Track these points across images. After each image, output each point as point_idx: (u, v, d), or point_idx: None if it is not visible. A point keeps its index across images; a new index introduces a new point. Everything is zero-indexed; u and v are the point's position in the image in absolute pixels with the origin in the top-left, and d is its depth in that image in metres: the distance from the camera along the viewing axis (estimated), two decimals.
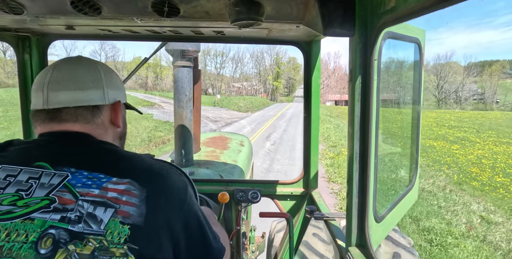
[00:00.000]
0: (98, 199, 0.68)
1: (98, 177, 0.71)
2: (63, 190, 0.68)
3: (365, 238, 1.19)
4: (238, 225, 2.16)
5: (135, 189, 0.71)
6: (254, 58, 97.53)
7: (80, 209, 0.66)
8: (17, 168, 0.71)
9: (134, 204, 0.69)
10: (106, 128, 0.88)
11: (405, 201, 1.69)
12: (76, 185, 0.69)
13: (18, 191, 0.68)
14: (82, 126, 0.82)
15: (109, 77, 0.89)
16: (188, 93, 2.86)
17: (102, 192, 0.69)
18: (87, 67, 0.86)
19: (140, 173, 0.76)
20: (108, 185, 0.70)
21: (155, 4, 1.12)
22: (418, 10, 0.79)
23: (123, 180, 0.72)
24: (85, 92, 0.83)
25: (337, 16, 1.07)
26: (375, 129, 1.15)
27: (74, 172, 0.71)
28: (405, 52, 1.68)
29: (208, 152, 3.64)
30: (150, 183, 0.74)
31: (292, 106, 54.33)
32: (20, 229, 0.63)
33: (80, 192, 0.68)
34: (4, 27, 1.60)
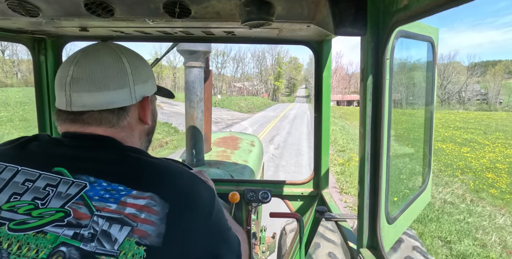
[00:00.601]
0: (114, 215, 0.63)
1: (117, 190, 0.66)
2: (79, 203, 0.64)
3: (377, 239, 1.18)
4: (248, 225, 2.16)
5: (156, 205, 0.65)
6: (255, 57, 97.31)
7: (95, 226, 0.62)
8: (36, 172, 0.68)
9: (153, 222, 0.63)
10: (132, 128, 0.83)
11: (418, 203, 1.66)
12: (93, 197, 0.64)
13: (35, 199, 0.65)
14: (105, 130, 0.78)
15: (136, 70, 0.82)
16: (199, 93, 2.88)
17: (120, 207, 0.64)
18: (110, 60, 0.78)
19: (164, 185, 0.69)
20: (127, 199, 0.65)
21: (167, 5, 1.13)
22: (431, 8, 0.78)
23: (144, 194, 0.66)
24: (110, 93, 0.76)
25: (349, 15, 1.06)
26: (387, 129, 1.14)
27: (93, 182, 0.67)
28: (418, 51, 1.65)
29: (219, 152, 3.65)
30: (173, 197, 0.68)
31: (294, 107, 52.95)
32: (31, 243, 0.60)
33: (97, 206, 0.63)
34: (20, 29, 1.64)
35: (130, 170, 0.71)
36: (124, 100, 0.79)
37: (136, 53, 0.87)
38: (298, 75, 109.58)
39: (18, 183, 0.67)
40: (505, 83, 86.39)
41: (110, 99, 0.77)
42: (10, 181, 0.67)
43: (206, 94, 3.13)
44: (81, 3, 1.11)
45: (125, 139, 0.81)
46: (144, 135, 0.89)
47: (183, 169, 0.78)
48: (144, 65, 0.86)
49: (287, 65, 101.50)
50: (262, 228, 2.83)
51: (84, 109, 0.76)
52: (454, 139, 17.90)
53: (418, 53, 1.68)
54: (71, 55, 0.81)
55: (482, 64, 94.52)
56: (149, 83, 0.87)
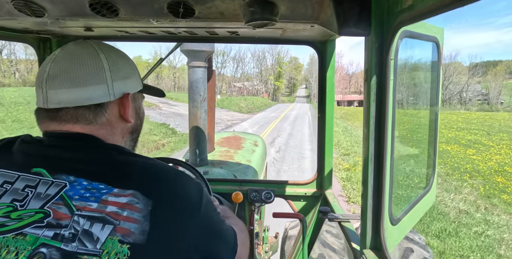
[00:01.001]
0: (96, 214, 0.61)
1: (97, 188, 0.64)
2: (59, 203, 0.63)
3: (380, 240, 1.17)
4: (251, 225, 2.16)
5: (138, 202, 0.63)
6: (255, 57, 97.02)
7: (75, 225, 0.60)
8: (15, 174, 0.67)
9: (136, 220, 0.62)
10: (113, 126, 0.81)
11: (422, 204, 1.65)
12: (73, 197, 0.63)
13: (13, 201, 0.64)
14: (83, 127, 0.76)
15: (114, 67, 0.80)
16: (202, 93, 2.89)
17: (101, 205, 0.62)
18: (87, 56, 0.77)
19: (146, 182, 0.68)
20: (108, 198, 0.63)
21: (171, 5, 1.13)
22: (436, 8, 0.77)
23: (125, 191, 0.64)
24: (85, 89, 0.74)
25: (353, 15, 1.05)
26: (391, 130, 1.13)
27: (73, 181, 0.65)
28: (422, 52, 1.64)
29: (222, 152, 3.66)
30: (157, 194, 0.66)
31: (295, 107, 51.66)
32: (11, 246, 0.59)
33: (77, 205, 0.62)
34: (26, 29, 1.65)
35: (110, 168, 0.69)
36: (101, 96, 0.77)
37: (117, 50, 0.85)
38: (298, 75, 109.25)
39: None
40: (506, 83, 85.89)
41: (86, 95, 0.75)
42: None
43: (210, 94, 3.14)
44: (86, 3, 1.11)
45: (106, 137, 0.79)
46: (128, 133, 0.87)
47: (167, 166, 0.76)
48: (125, 62, 0.84)
49: (287, 65, 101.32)
50: (265, 228, 2.83)
51: (60, 105, 0.74)
52: (458, 140, 17.57)
53: (422, 54, 1.67)
54: (52, 53, 0.81)
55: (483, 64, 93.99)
56: (131, 80, 0.85)
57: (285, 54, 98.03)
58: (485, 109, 69.11)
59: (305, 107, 54.10)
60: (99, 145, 0.76)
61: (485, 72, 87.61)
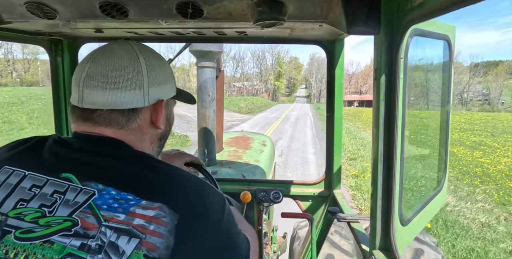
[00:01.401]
0: (123, 226, 0.61)
1: (126, 199, 0.63)
2: (87, 211, 0.62)
3: (390, 241, 1.16)
4: (260, 225, 2.16)
5: (165, 216, 0.62)
6: (255, 57, 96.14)
7: (102, 237, 0.60)
8: (44, 178, 0.66)
9: (162, 234, 0.61)
10: (143, 131, 0.80)
11: (433, 204, 1.63)
12: (102, 206, 0.62)
13: (42, 206, 0.63)
14: (114, 132, 0.76)
15: (152, 72, 0.79)
16: (211, 93, 2.90)
17: (128, 218, 0.61)
18: (127, 59, 0.76)
19: (174, 194, 0.67)
20: (136, 210, 0.62)
21: (179, 6, 1.14)
22: (447, 6, 0.76)
23: (153, 204, 0.63)
24: (121, 93, 0.74)
25: (362, 14, 1.04)
26: (401, 130, 1.12)
27: (102, 189, 0.64)
28: (433, 50, 1.62)
29: (231, 152, 3.67)
30: (183, 208, 0.65)
31: (296, 108, 50.58)
32: (38, 253, 0.58)
33: (105, 216, 0.61)
34: (38, 31, 1.68)
35: (139, 178, 0.68)
36: (136, 102, 0.76)
37: (156, 54, 0.84)
38: (298, 75, 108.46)
39: (25, 189, 0.65)
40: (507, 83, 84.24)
41: (121, 99, 0.74)
42: (17, 186, 0.65)
43: (218, 94, 3.15)
44: (96, 5, 1.13)
45: (134, 143, 0.78)
46: (156, 139, 0.85)
47: (192, 176, 0.75)
48: (162, 67, 0.83)
49: (287, 65, 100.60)
50: (274, 228, 2.83)
51: (94, 107, 0.74)
52: (462, 141, 17.18)
53: (433, 52, 1.65)
54: (91, 52, 0.80)
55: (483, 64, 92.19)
56: (167, 86, 0.84)
57: (285, 54, 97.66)
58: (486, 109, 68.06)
59: (306, 107, 52.84)
60: (128, 152, 0.75)
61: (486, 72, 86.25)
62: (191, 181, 0.72)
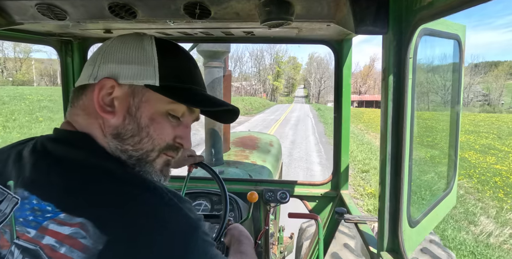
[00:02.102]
0: (30, 245, 0.49)
1: (43, 210, 0.50)
2: (7, 225, 0.52)
3: (398, 243, 1.15)
4: (266, 225, 2.16)
5: (86, 237, 0.46)
6: (253, 57, 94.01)
7: (10, 257, 0.49)
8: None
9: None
10: (88, 111, 0.65)
11: (442, 206, 1.61)
12: (18, 219, 0.52)
13: None
14: (68, 114, 0.68)
15: (114, 48, 0.67)
16: (218, 93, 2.91)
17: (38, 235, 0.49)
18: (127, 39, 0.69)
19: (110, 207, 0.49)
20: (49, 225, 0.49)
21: (187, 7, 1.14)
22: (457, 5, 0.75)
23: (74, 219, 0.48)
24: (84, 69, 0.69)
25: (370, 13, 1.03)
26: (409, 130, 1.11)
27: (25, 197, 0.53)
28: (443, 50, 1.60)
29: (238, 152, 3.67)
30: (120, 228, 0.47)
31: (295, 108, 47.78)
32: None
33: (18, 231, 0.51)
34: (49, 32, 1.71)
35: (67, 181, 0.53)
36: (84, 77, 0.67)
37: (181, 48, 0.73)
38: (296, 75, 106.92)
39: None
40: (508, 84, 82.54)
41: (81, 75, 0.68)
42: None
43: (226, 94, 3.16)
44: (105, 6, 1.14)
45: (79, 122, 0.64)
46: (110, 134, 0.64)
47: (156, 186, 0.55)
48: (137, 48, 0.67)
49: (286, 65, 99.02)
50: (280, 228, 2.83)
51: None
52: (471, 145, 16.19)
53: (443, 52, 1.63)
54: None
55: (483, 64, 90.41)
56: (133, 66, 0.66)
57: (284, 53, 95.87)
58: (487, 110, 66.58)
59: (306, 108, 50.29)
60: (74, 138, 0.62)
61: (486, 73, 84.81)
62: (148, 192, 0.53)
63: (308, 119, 28.74)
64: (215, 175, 1.57)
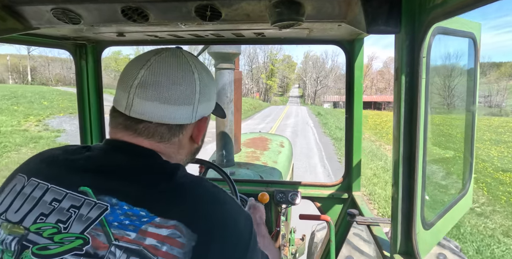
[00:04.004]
0: (133, 246, 0.57)
1: (138, 215, 0.59)
2: (98, 229, 0.59)
3: (411, 245, 1.13)
4: (277, 226, 2.16)
5: (181, 236, 0.57)
6: (246, 54, 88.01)
7: (111, 257, 0.56)
8: (63, 191, 0.65)
9: (175, 257, 0.56)
10: (181, 146, 0.78)
11: (458, 208, 1.57)
12: (113, 223, 0.59)
13: (58, 222, 0.61)
14: (151, 144, 0.73)
15: (204, 89, 0.77)
16: (229, 94, 2.92)
17: (140, 237, 0.57)
18: (183, 73, 0.73)
19: (194, 212, 0.61)
20: (148, 228, 0.58)
21: (198, 9, 1.15)
22: (472, 2, 0.73)
23: (168, 222, 0.58)
24: (174, 108, 0.72)
25: (382, 13, 1.02)
26: (423, 131, 1.09)
27: (115, 204, 0.60)
28: (458, 49, 1.57)
29: (249, 153, 3.67)
30: (204, 228, 0.60)
31: (290, 112, 40.22)
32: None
33: (115, 234, 0.58)
34: (64, 36, 1.75)
35: (156, 191, 0.63)
36: (185, 118, 0.75)
37: (207, 69, 0.81)
38: (291, 74, 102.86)
39: (46, 203, 0.65)
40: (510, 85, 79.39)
41: (172, 114, 0.72)
42: (40, 200, 0.65)
43: (236, 95, 3.17)
44: (118, 10, 1.16)
45: (170, 155, 0.76)
46: (190, 154, 0.83)
47: (219, 192, 0.69)
48: (212, 83, 0.82)
49: (280, 63, 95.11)
50: (292, 229, 2.81)
51: (142, 117, 0.71)
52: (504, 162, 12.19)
53: (458, 51, 1.59)
54: (143, 55, 0.76)
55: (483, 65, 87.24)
56: (211, 102, 0.82)
57: (278, 51, 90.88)
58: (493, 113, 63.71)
59: (302, 111, 42.43)
60: (156, 163, 0.72)
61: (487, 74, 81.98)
62: (216, 197, 0.67)
63: (308, 130, 20.53)
64: (226, 176, 1.58)
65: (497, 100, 74.82)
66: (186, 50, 0.82)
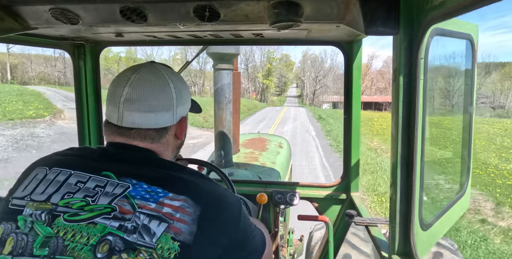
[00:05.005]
0: (154, 213, 0.71)
1: (155, 191, 0.75)
2: (123, 200, 0.73)
3: (409, 246, 1.13)
4: (276, 227, 2.16)
5: (189, 207, 0.74)
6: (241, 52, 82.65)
7: (137, 220, 0.70)
8: (86, 175, 0.78)
9: (186, 221, 0.72)
10: (169, 144, 0.95)
11: (455, 209, 1.58)
12: (136, 197, 0.74)
13: (86, 197, 0.74)
14: (146, 145, 0.89)
15: (179, 94, 0.92)
16: (227, 95, 2.92)
17: (158, 206, 0.72)
18: (160, 86, 0.88)
19: (196, 191, 0.78)
20: (164, 200, 0.73)
21: (197, 10, 1.15)
22: (470, 4, 0.74)
23: (178, 196, 0.74)
24: (157, 115, 0.87)
25: (380, 14, 1.03)
26: (421, 132, 1.09)
27: (135, 184, 0.76)
28: (455, 50, 1.57)
29: (247, 154, 3.67)
30: (205, 202, 0.76)
31: (288, 116, 33.84)
32: (83, 232, 0.70)
33: (139, 204, 0.72)
34: (62, 36, 1.75)
35: (166, 177, 0.80)
36: (168, 122, 0.91)
37: (180, 77, 0.98)
38: (289, 73, 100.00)
39: (71, 184, 0.77)
40: None
41: (156, 120, 0.88)
42: (64, 182, 0.77)
43: (235, 96, 3.17)
44: (116, 10, 1.16)
45: (161, 153, 0.92)
46: (176, 148, 1.00)
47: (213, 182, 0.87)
48: (186, 88, 0.98)
49: (278, 62, 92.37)
50: (290, 230, 2.81)
51: (133, 126, 0.86)
52: None
53: (455, 52, 1.60)
54: (123, 74, 0.90)
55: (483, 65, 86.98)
56: (188, 104, 0.99)
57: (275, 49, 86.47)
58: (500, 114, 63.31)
59: (301, 114, 37.94)
60: (158, 159, 0.89)
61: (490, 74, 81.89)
62: (210, 183, 0.84)
63: (310, 142, 15.58)
64: (225, 177, 1.57)
65: (499, 100, 74.83)
66: (159, 63, 0.96)
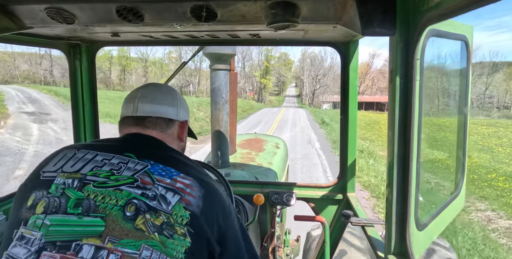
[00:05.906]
0: (169, 186, 0.86)
1: (170, 171, 0.90)
2: (144, 174, 0.87)
3: (405, 246, 1.14)
4: (272, 227, 2.16)
5: (195, 186, 0.89)
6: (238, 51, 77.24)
7: (156, 190, 0.85)
8: (110, 155, 0.93)
9: (194, 196, 0.87)
10: (174, 139, 1.11)
11: (450, 209, 1.59)
12: (154, 173, 0.88)
13: (111, 169, 0.89)
14: (157, 134, 1.05)
15: (182, 101, 1.14)
16: (224, 95, 2.92)
17: (172, 182, 0.87)
18: (168, 90, 1.12)
19: (200, 178, 0.93)
20: (177, 178, 0.89)
21: (194, 10, 1.15)
22: (465, 5, 0.74)
23: (188, 177, 0.90)
24: (164, 107, 1.08)
25: (377, 15, 1.03)
26: (417, 132, 1.10)
27: (153, 164, 0.91)
28: (450, 51, 1.59)
29: (244, 154, 3.67)
30: (206, 188, 0.91)
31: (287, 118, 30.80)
32: (112, 195, 0.83)
33: (157, 178, 0.87)
34: (57, 36, 1.74)
35: (177, 161, 0.96)
36: (173, 115, 1.10)
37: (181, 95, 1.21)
38: (288, 72, 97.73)
39: (97, 161, 0.92)
40: None
41: (164, 110, 1.08)
42: (92, 160, 0.92)
43: (231, 96, 3.16)
44: (113, 10, 1.16)
45: (169, 143, 1.07)
46: (180, 150, 1.13)
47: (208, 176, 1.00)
48: (185, 103, 1.18)
49: (277, 61, 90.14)
50: (287, 231, 2.81)
51: (145, 114, 1.05)
52: None
53: (450, 53, 1.61)
54: (132, 92, 1.12)
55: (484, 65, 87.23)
56: (187, 113, 1.18)
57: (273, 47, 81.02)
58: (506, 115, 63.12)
59: (301, 116, 34.15)
60: (167, 147, 1.04)
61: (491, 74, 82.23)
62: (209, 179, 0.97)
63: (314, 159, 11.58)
64: (221, 177, 1.57)
65: (499, 100, 74.88)
66: None
